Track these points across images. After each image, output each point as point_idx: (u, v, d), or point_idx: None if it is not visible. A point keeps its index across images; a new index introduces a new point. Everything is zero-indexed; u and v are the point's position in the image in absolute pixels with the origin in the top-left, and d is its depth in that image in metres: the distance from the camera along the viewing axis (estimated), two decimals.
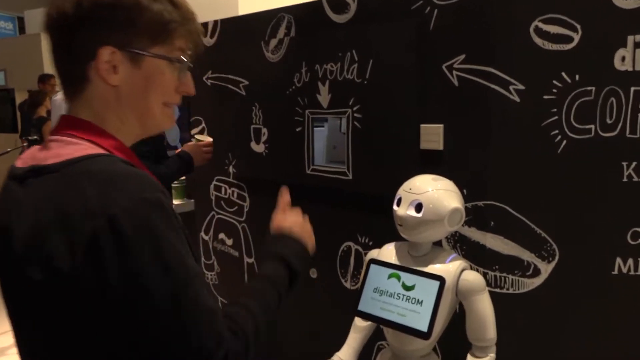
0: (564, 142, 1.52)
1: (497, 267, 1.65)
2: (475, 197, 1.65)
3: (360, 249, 2.00)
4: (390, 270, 1.49)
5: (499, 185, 1.61)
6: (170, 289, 0.69)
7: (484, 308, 1.42)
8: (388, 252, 1.56)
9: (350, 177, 1.98)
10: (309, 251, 1.06)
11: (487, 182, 1.62)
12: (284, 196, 1.13)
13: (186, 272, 0.71)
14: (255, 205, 2.40)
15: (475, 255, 1.67)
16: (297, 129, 2.12)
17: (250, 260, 2.45)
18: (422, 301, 1.41)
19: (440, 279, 1.40)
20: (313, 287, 2.18)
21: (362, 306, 1.50)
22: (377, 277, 1.51)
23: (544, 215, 1.57)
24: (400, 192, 1.48)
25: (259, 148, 2.30)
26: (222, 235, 2.60)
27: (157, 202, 0.70)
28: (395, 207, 1.47)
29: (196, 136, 2.36)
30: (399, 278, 1.47)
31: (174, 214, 0.73)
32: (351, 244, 2.02)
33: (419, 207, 1.41)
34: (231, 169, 2.46)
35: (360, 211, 1.98)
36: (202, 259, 2.71)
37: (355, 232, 2.00)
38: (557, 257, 1.58)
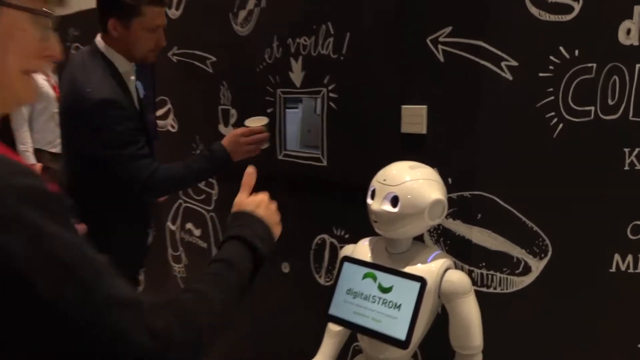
0: (561, 125, 1.36)
1: (483, 264, 1.49)
2: (461, 187, 1.48)
3: (335, 242, 1.83)
4: (366, 270, 1.32)
5: (488, 174, 1.45)
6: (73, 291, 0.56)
7: (469, 312, 1.26)
8: (363, 249, 1.39)
9: (325, 163, 1.80)
10: (274, 235, 0.96)
11: (475, 170, 1.46)
12: (249, 176, 1.01)
13: (88, 266, 0.58)
14: (224, 194, 2.22)
15: (460, 251, 1.52)
16: (268, 110, 1.93)
17: None
18: (400, 305, 1.24)
19: (421, 280, 1.24)
20: (285, 283, 2.02)
21: (334, 309, 1.34)
22: (350, 276, 1.34)
23: (537, 208, 1.42)
24: (374, 183, 1.30)
25: (227, 131, 2.11)
26: (189, 225, 2.42)
27: (30, 189, 0.55)
28: (369, 200, 1.30)
29: (246, 122, 1.76)
30: (374, 278, 1.30)
31: (55, 201, 0.58)
32: (325, 236, 1.86)
33: (395, 201, 1.24)
34: None
35: (335, 201, 1.81)
36: (170, 250, 2.53)
37: (330, 223, 1.83)
38: (549, 254, 1.43)
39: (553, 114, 1.36)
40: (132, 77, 1.66)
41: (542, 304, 1.45)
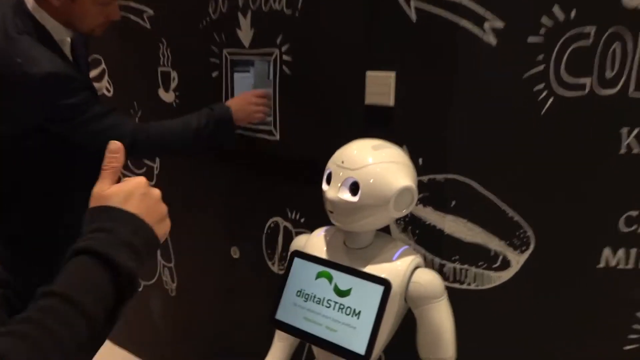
0: (550, 99, 1.16)
1: (457, 257, 1.31)
2: (434, 169, 1.28)
3: (289, 226, 1.62)
4: (319, 268, 1.12)
5: (465, 155, 1.25)
6: None
7: (440, 319, 1.08)
8: (318, 242, 1.18)
9: (278, 137, 1.57)
10: (157, 236, 0.67)
11: (450, 149, 1.26)
12: (112, 157, 0.68)
13: None
14: (167, 168, 1.97)
15: (431, 242, 1.33)
16: (214, 74, 1.67)
17: None
18: (359, 312, 1.05)
19: (384, 283, 1.04)
20: (234, 269, 1.81)
21: (281, 314, 1.13)
22: (302, 275, 1.13)
23: (519, 194, 1.23)
24: (331, 165, 1.08)
25: (168, 97, 1.84)
26: None
27: None
28: (324, 185, 1.09)
29: None
30: (330, 279, 1.10)
31: None
32: (279, 219, 1.64)
33: (354, 188, 1.03)
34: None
35: (289, 180, 1.58)
36: None
37: (283, 205, 1.61)
38: (532, 247, 1.25)
39: (542, 86, 1.15)
40: (68, 39, 1.36)
41: (522, 302, 1.28)
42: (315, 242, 1.18)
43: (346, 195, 1.04)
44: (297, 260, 1.15)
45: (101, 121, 1.30)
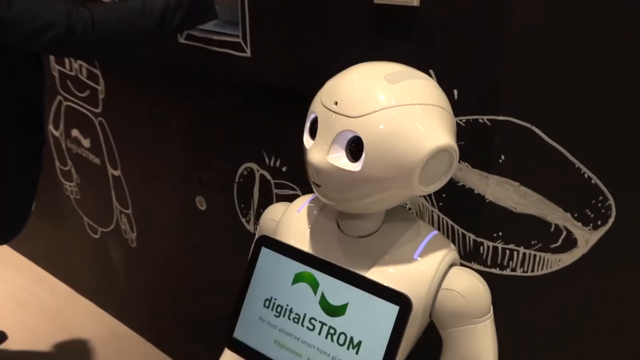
0: None
1: (500, 234, 0.91)
2: (476, 107, 0.85)
3: (267, 175, 1.21)
4: (298, 267, 0.72)
5: (525, 87, 0.81)
6: None
7: (483, 347, 0.70)
8: (297, 222, 0.77)
9: (249, 53, 1.12)
10: None
11: (502, 78, 0.82)
12: None
13: None
14: (113, 90, 1.53)
15: (464, 212, 0.93)
16: None
17: (117, 173, 1.63)
18: (359, 344, 0.66)
19: (401, 300, 0.64)
20: (201, 224, 1.42)
21: (241, 332, 0.75)
22: (272, 275, 0.74)
23: (601, 147, 0.80)
24: (316, 107, 0.66)
25: None
26: (75, 133, 1.74)
27: None
28: (306, 139, 0.67)
29: None
30: (314, 285, 0.71)
31: None
32: (254, 166, 1.23)
33: (355, 148, 0.61)
34: None
35: (266, 114, 1.15)
36: (57, 163, 1.87)
37: (259, 147, 1.20)
38: (610, 221, 0.85)
39: None
40: None
41: (589, 295, 0.89)
42: (293, 222, 0.78)
43: (341, 160, 0.62)
44: (265, 252, 0.75)
45: (10, 6, 0.90)
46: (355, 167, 0.61)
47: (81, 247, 1.92)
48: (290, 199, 1.17)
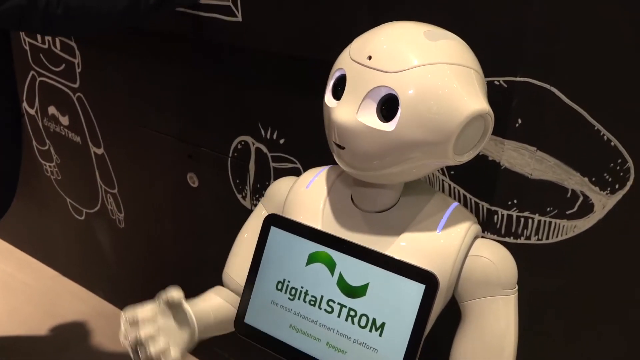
0: None
1: (515, 201, 0.87)
2: (493, 67, 0.80)
3: (264, 148, 1.15)
4: (313, 246, 0.67)
5: (546, 46, 0.76)
6: None
7: (507, 321, 0.67)
8: (307, 197, 0.72)
9: (240, 17, 1.04)
10: None
11: (522, 35, 0.76)
12: None
13: None
14: (91, 63, 1.43)
15: (477, 180, 0.88)
16: None
17: (100, 151, 1.55)
18: (382, 325, 0.62)
19: (427, 278, 0.60)
20: (193, 201, 1.36)
21: (252, 317, 0.71)
22: (284, 256, 0.69)
23: (620, 106, 0.76)
24: (344, 62, 0.60)
25: None
26: (52, 110, 1.64)
27: None
28: (328, 98, 0.61)
29: None
30: (331, 265, 0.66)
31: None
32: (249, 139, 1.17)
33: (389, 107, 0.56)
34: None
35: (261, 84, 1.09)
36: (34, 143, 1.78)
37: (254, 119, 1.13)
38: (628, 184, 0.82)
39: None
40: None
41: (606, 263, 0.87)
42: (302, 198, 0.72)
43: (372, 120, 0.56)
44: (275, 231, 0.70)
45: None
46: (389, 127, 0.56)
47: (65, 230, 1.84)
48: (289, 173, 1.11)
